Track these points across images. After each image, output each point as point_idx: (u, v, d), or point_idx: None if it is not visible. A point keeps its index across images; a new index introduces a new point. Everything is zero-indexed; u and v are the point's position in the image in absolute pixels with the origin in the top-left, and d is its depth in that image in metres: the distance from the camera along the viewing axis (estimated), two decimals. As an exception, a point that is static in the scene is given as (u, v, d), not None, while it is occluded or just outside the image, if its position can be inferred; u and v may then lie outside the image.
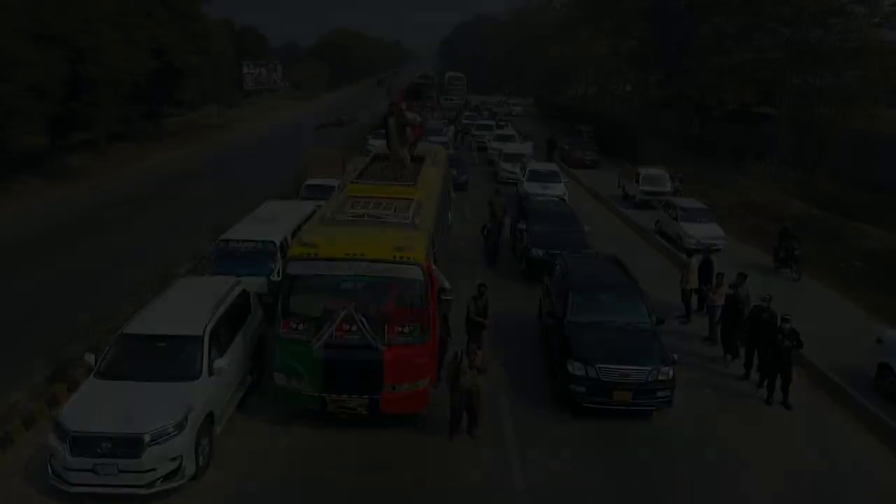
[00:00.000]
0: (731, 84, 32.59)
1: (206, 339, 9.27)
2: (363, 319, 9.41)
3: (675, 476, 9.22)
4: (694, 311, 14.70)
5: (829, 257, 19.54)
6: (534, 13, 71.70)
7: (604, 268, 13.03)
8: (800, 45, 31.00)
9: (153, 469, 7.99)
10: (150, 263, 14.63)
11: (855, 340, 12.79)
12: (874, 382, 11.65)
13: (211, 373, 9.07)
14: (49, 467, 8.12)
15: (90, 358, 9.25)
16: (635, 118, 43.05)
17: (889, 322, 14.72)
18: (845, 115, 32.34)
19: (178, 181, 29.79)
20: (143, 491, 8.03)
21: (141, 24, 31.98)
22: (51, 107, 24.71)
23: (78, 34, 25.43)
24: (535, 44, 71.64)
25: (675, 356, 10.70)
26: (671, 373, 10.28)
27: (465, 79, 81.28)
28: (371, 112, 48.46)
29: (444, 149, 19.91)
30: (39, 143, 30.15)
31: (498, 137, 35.96)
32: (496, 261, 17.99)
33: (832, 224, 22.62)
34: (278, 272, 10.35)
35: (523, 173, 25.45)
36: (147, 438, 7.94)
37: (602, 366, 10.14)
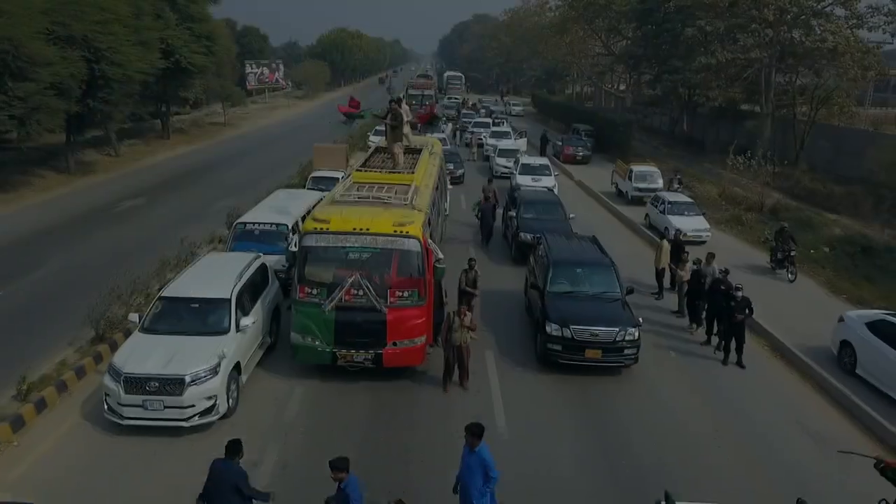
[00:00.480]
0: (717, 83, 34.07)
1: (234, 301, 10.78)
2: (368, 285, 10.93)
3: (635, 416, 10.75)
4: (666, 289, 16.22)
5: (800, 244, 21.04)
6: (530, 14, 73.14)
7: (581, 246, 14.54)
8: (782, 45, 32.48)
9: (192, 406, 9.50)
10: (170, 246, 16.07)
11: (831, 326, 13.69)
12: (837, 358, 12.81)
13: (238, 329, 10.58)
14: (105, 404, 9.63)
15: (134, 317, 10.80)
16: (627, 115, 44.51)
17: (848, 300, 16.37)
18: (827, 112, 33.97)
19: (189, 175, 31.32)
20: (184, 424, 9.53)
21: (151, 26, 33.37)
22: (70, 104, 26.10)
23: (95, 35, 26.78)
24: (532, 44, 73.14)
25: (641, 320, 12.24)
26: (637, 334, 11.79)
27: (464, 78, 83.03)
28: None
29: (439, 142, 21.41)
30: (52, 140, 31.54)
31: (494, 134, 37.48)
32: (490, 240, 19.76)
33: (805, 214, 24.14)
34: (295, 243, 11.85)
35: (516, 167, 26.94)
36: (188, 379, 9.44)
37: (575, 327, 11.65)
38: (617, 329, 11.67)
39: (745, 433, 10.45)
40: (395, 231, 11.08)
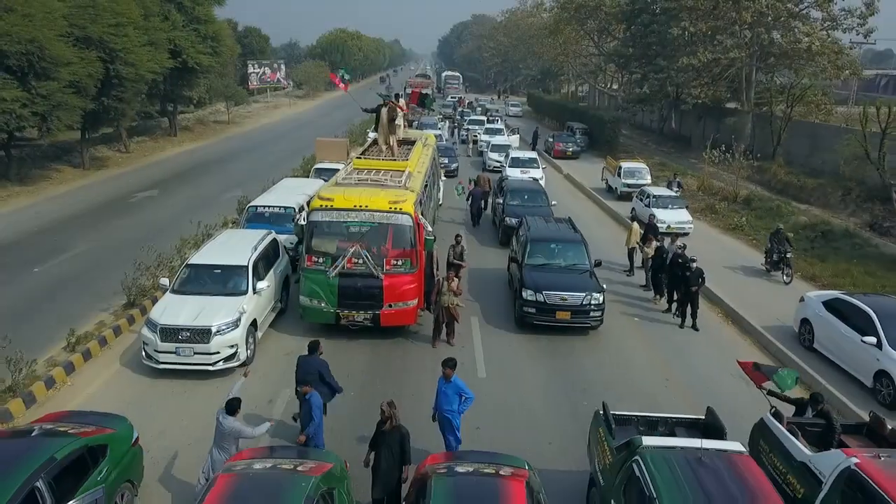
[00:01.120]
0: (699, 81, 35.77)
1: (250, 267, 12.48)
2: (367, 255, 12.63)
3: (597, 367, 12.46)
4: (638, 267, 17.89)
5: (767, 230, 22.81)
6: (527, 15, 74.95)
7: (557, 226, 16.27)
8: (760, 46, 34.19)
9: (217, 352, 11.21)
10: (184, 230, 17.72)
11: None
12: (798, 335, 13.80)
13: (254, 291, 12.27)
14: (143, 352, 11.34)
15: (164, 281, 12.51)
16: (615, 113, 46.24)
17: (802, 277, 18.05)
18: (806, 110, 35.67)
19: (198, 169, 32.98)
20: (210, 368, 11.24)
21: (160, 27, 35.04)
22: (86, 102, 27.76)
23: (109, 37, 28.44)
24: (528, 44, 74.89)
25: (605, 286, 13.94)
26: (601, 298, 13.49)
27: (461, 77, 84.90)
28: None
29: (433, 135, 23.19)
30: (63, 137, 33.14)
31: (487, 131, 39.24)
32: (479, 221, 21.95)
33: (774, 203, 25.84)
34: (304, 217, 13.54)
35: (506, 160, 28.67)
36: (214, 329, 11.14)
37: (548, 292, 13.36)
38: (584, 294, 13.37)
39: (690, 380, 12.17)
40: (391, 208, 12.78)
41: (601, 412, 8.31)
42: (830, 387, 11.85)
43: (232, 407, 7.92)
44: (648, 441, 7.00)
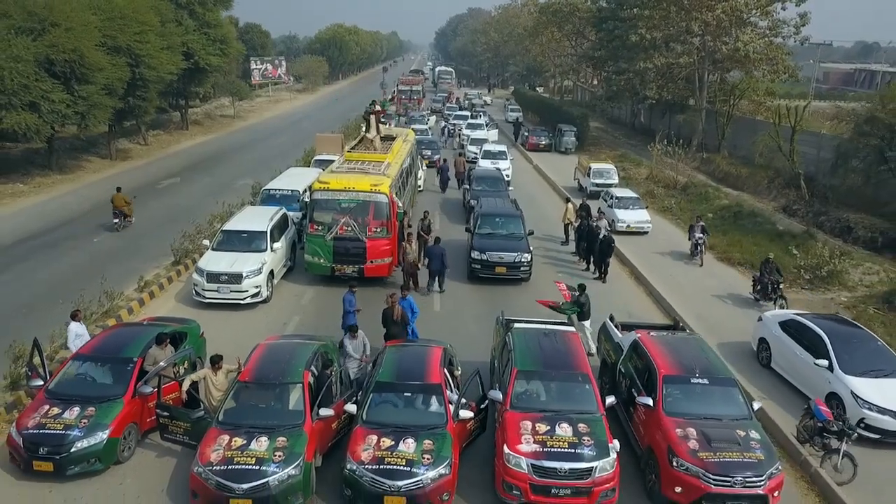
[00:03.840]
0: (655, 83, 40.26)
1: (268, 232, 17.04)
2: (354, 224, 17.16)
3: (523, 303, 16.94)
4: (573, 240, 22.39)
5: (691, 211, 27.32)
6: (516, 14, 79.29)
7: (502, 204, 20.84)
8: (707, 52, 38.63)
9: (247, 291, 15.79)
10: (210, 208, 22.21)
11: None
12: (756, 354, 14.30)
13: (272, 250, 16.83)
14: (194, 291, 15.95)
15: (206, 242, 17.06)
16: (585, 110, 50.69)
17: (710, 250, 22.54)
18: (754, 108, 40.13)
19: (212, 159, 37.51)
20: (241, 302, 15.83)
21: (174, 31, 39.33)
22: (116, 102, 32.14)
23: (135, 44, 32.80)
24: (517, 40, 79.22)
25: (532, 248, 18.53)
26: (529, 258, 18.09)
27: (454, 73, 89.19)
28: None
29: (413, 131, 27.75)
30: (92, 130, 37.44)
31: (469, 125, 43.64)
32: (444, 189, 27.82)
33: (704, 189, 30.39)
34: (308, 196, 18.08)
35: (480, 152, 33.18)
36: (244, 273, 15.72)
37: (490, 252, 17.95)
38: (516, 254, 17.99)
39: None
40: (371, 189, 17.32)
41: (500, 317, 12.92)
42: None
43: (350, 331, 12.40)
44: (517, 324, 11.62)
